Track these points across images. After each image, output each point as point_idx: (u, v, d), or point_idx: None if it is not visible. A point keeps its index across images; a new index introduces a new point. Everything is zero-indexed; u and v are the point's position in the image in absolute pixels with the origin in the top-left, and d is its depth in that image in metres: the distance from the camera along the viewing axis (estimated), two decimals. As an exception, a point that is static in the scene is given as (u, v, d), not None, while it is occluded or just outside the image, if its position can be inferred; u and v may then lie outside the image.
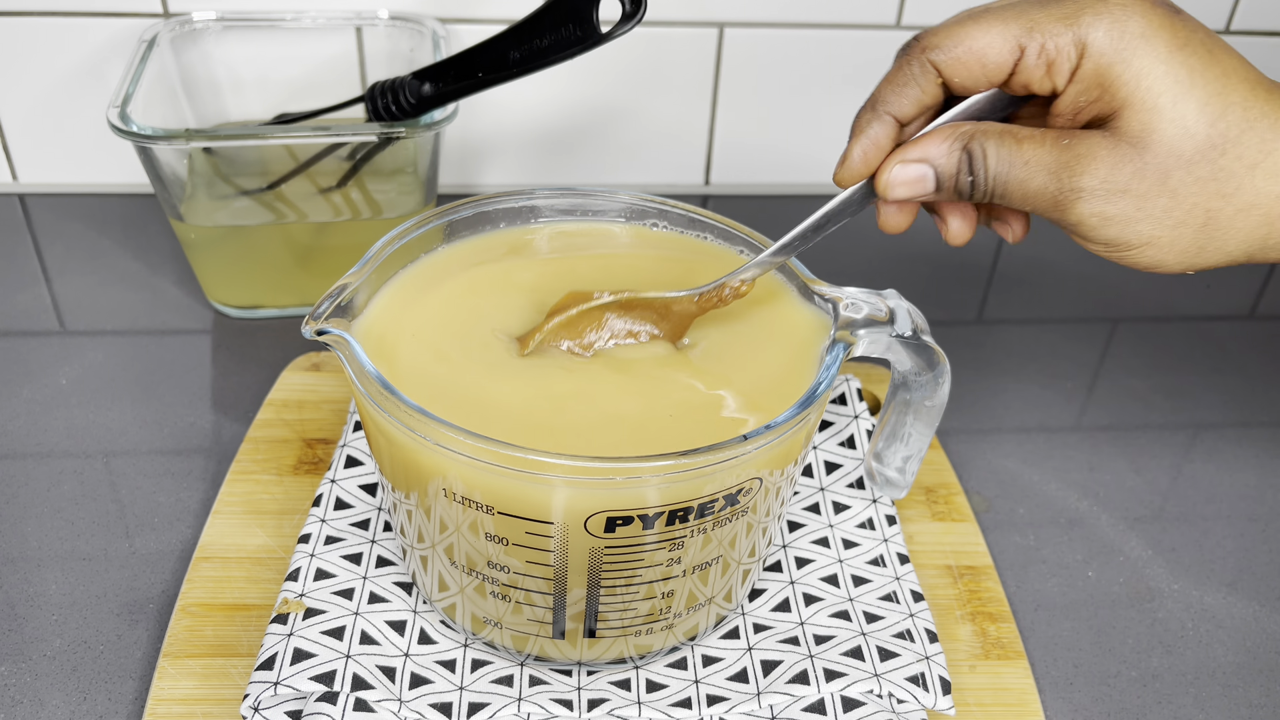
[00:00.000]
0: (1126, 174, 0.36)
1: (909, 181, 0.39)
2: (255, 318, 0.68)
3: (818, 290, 0.44)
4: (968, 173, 0.38)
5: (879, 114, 0.39)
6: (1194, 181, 0.36)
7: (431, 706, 0.42)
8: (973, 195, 0.39)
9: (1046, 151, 0.37)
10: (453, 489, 0.38)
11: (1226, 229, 0.37)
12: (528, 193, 0.49)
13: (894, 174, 0.39)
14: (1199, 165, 0.36)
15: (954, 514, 0.54)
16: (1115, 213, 0.36)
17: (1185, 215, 0.36)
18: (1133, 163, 0.36)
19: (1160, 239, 0.37)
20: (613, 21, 0.53)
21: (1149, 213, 0.36)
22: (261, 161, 0.66)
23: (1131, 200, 0.36)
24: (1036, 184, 0.37)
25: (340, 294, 0.41)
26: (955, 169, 0.38)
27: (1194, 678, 0.49)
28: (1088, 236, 0.38)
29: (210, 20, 0.70)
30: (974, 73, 0.37)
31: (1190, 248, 0.37)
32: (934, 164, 0.38)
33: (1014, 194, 0.38)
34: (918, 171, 0.39)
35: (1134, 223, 0.37)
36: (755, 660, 0.45)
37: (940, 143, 0.38)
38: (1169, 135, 0.35)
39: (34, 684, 0.46)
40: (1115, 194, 0.36)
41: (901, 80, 0.38)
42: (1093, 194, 0.36)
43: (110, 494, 0.55)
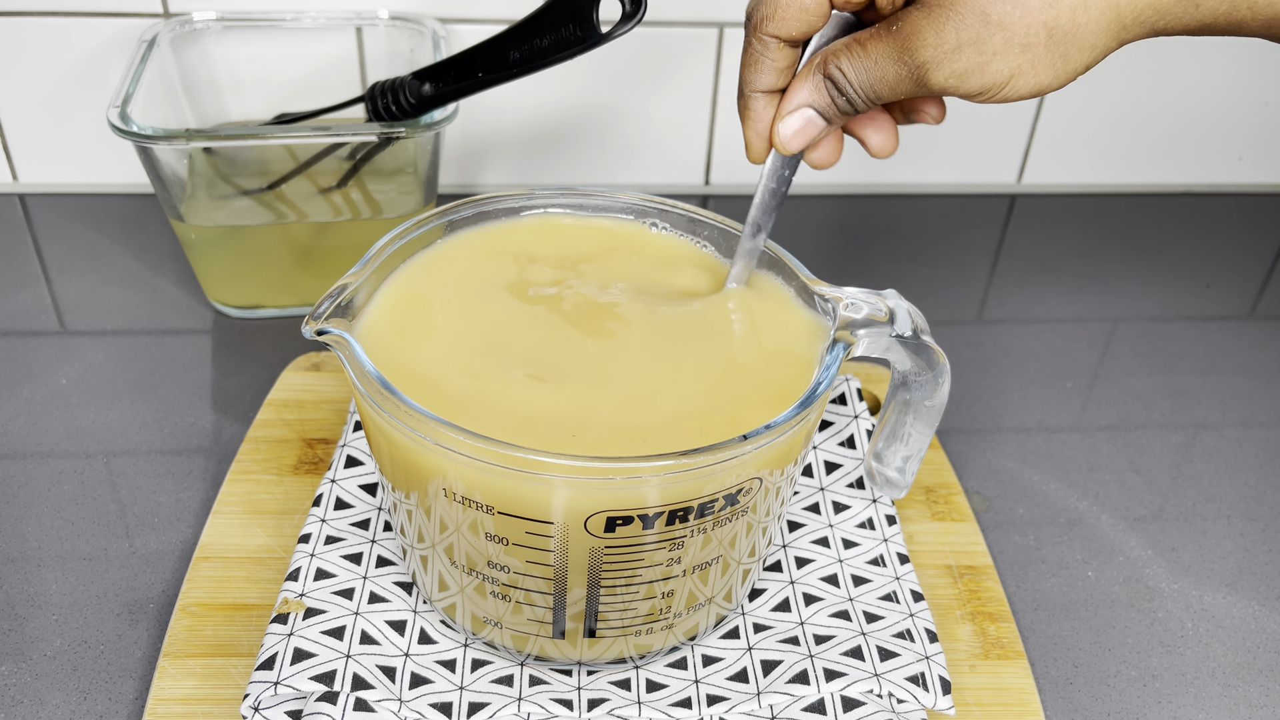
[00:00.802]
0: (951, 31, 0.37)
1: (798, 130, 0.41)
2: (255, 318, 0.68)
3: (818, 290, 0.44)
4: (839, 94, 0.40)
5: (752, 96, 0.42)
6: (1013, 6, 0.37)
7: (432, 706, 0.42)
8: (856, 110, 0.41)
9: (884, 43, 0.39)
10: (453, 489, 0.38)
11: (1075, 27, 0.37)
12: (528, 193, 0.49)
13: (782, 130, 0.41)
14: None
15: (954, 514, 0.54)
16: (964, 67, 0.38)
17: (1025, 37, 0.37)
18: (950, 19, 0.37)
19: (1020, 67, 0.38)
20: (613, 21, 0.53)
21: (994, 50, 0.37)
22: (261, 161, 0.66)
23: (970, 50, 0.37)
24: (893, 74, 0.39)
25: (340, 294, 0.41)
26: (828, 99, 0.40)
27: (1194, 678, 0.49)
28: (962, 93, 0.39)
29: (210, 20, 0.70)
30: (803, 19, 0.39)
31: (1054, 60, 0.38)
32: (809, 103, 0.41)
33: (884, 92, 0.40)
34: (800, 118, 0.41)
35: (986, 66, 0.38)
36: (755, 660, 0.45)
37: (804, 83, 0.41)
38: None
39: (34, 684, 0.46)
40: (952, 52, 0.37)
41: (752, 60, 0.41)
42: (934, 62, 0.38)
43: (110, 494, 0.55)
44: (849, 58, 0.40)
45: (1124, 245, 0.80)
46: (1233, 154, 0.86)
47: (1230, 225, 0.84)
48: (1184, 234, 0.82)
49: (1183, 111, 0.83)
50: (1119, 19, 0.38)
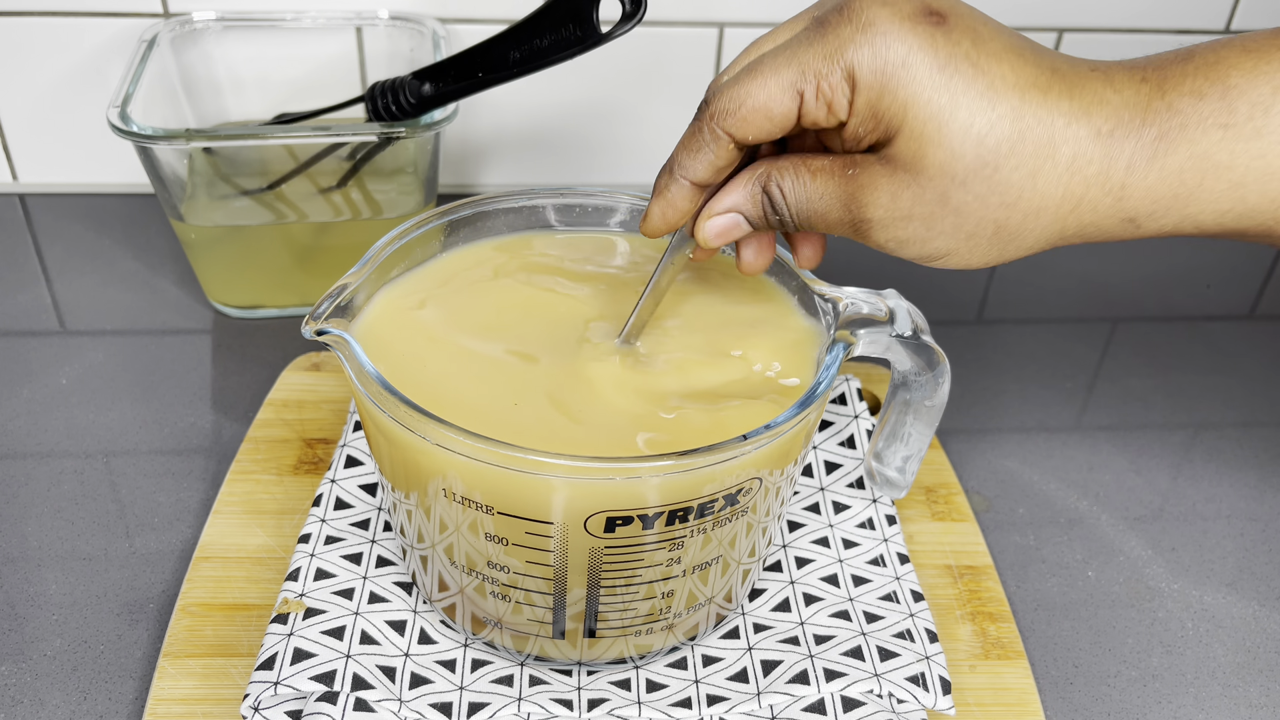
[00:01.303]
0: (907, 200, 0.36)
1: (725, 229, 0.40)
2: (255, 318, 0.68)
3: (818, 290, 0.44)
4: (773, 211, 0.39)
5: (676, 179, 0.39)
6: (973, 199, 0.36)
7: (431, 706, 0.42)
8: (786, 230, 0.40)
9: (835, 184, 0.37)
10: (452, 489, 0.38)
11: (1018, 232, 0.37)
12: (528, 193, 0.49)
13: (707, 227, 0.40)
14: (974, 183, 0.36)
15: (954, 514, 0.54)
16: (906, 235, 0.37)
17: (974, 228, 0.37)
18: (910, 189, 0.36)
19: (958, 250, 0.38)
20: (613, 21, 0.53)
21: (939, 230, 0.37)
22: (261, 161, 0.66)
23: (919, 223, 0.37)
24: (834, 216, 0.38)
25: (340, 294, 0.41)
26: (761, 211, 0.39)
27: (1194, 677, 0.49)
28: (894, 253, 0.38)
29: (210, 20, 0.70)
30: (764, 128, 0.37)
31: (990, 252, 0.38)
32: (740, 210, 0.40)
33: (817, 223, 0.39)
34: (728, 221, 0.40)
35: (928, 241, 0.37)
36: (755, 660, 0.45)
37: (742, 189, 0.39)
38: (938, 159, 0.35)
39: (34, 684, 0.46)
40: (901, 220, 0.37)
41: (695, 146, 0.39)
42: (881, 223, 0.37)
43: (110, 494, 0.55)
44: (794, 181, 0.38)
45: (1124, 245, 0.80)
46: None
47: (1230, 225, 0.84)
48: (1184, 234, 0.82)
49: (1183, 111, 0.83)
50: (1061, 232, 0.37)
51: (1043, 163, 0.35)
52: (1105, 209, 0.36)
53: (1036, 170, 0.35)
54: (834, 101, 0.36)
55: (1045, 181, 0.36)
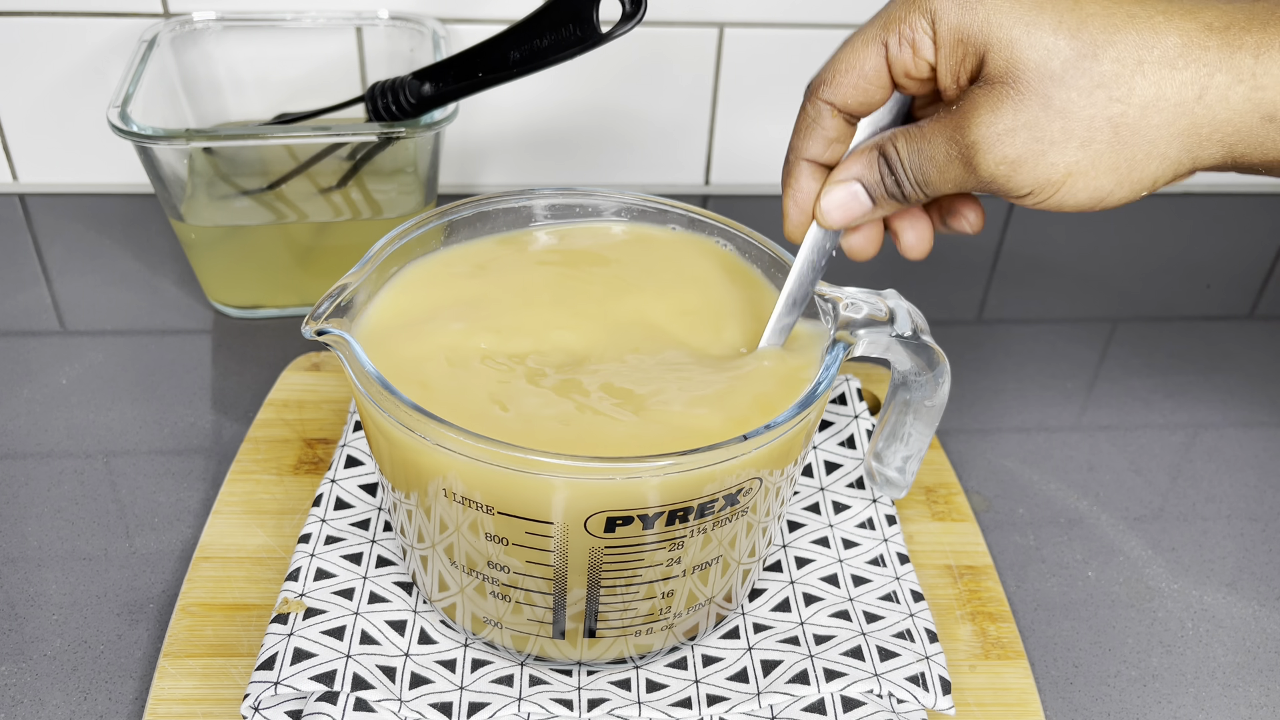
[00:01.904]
0: (1009, 112, 0.35)
1: (842, 203, 0.40)
2: (255, 318, 0.68)
3: (818, 290, 0.44)
4: (889, 173, 0.39)
5: (799, 162, 0.41)
6: (1078, 95, 0.35)
7: (432, 706, 0.42)
8: (904, 195, 0.40)
9: (941, 124, 0.37)
10: (453, 489, 0.38)
11: (1142, 130, 0.35)
12: (528, 193, 0.49)
13: (826, 200, 0.41)
14: (1076, 76, 0.35)
15: (954, 514, 0.54)
16: (1016, 153, 0.36)
17: (1087, 131, 0.35)
18: (1010, 99, 0.35)
19: (1078, 163, 0.36)
20: (613, 21, 0.53)
21: (1050, 139, 0.35)
22: (261, 161, 0.66)
23: (1025, 134, 0.36)
24: (942, 156, 0.37)
25: (340, 294, 0.41)
26: (878, 175, 0.39)
27: (1194, 677, 0.49)
28: (1014, 189, 0.37)
29: (210, 20, 0.70)
30: (861, 90, 0.39)
31: (1118, 162, 0.36)
32: (859, 177, 0.40)
33: (934, 177, 0.38)
34: (847, 191, 0.40)
35: (1041, 156, 0.36)
36: (755, 660, 0.45)
37: (858, 159, 0.40)
38: (1033, 59, 0.35)
39: (34, 684, 0.46)
40: (1006, 134, 0.36)
41: (805, 126, 0.40)
42: (987, 142, 0.36)
43: (110, 494, 0.55)
44: (905, 138, 0.39)
45: (1124, 245, 0.80)
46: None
47: (1230, 225, 0.84)
48: (1184, 234, 0.82)
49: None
50: (1194, 128, 0.35)
51: (1148, 51, 0.34)
52: (1239, 100, 0.34)
53: (1142, 59, 0.34)
54: (916, 40, 0.37)
55: (1155, 70, 0.34)
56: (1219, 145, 0.36)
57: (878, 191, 0.40)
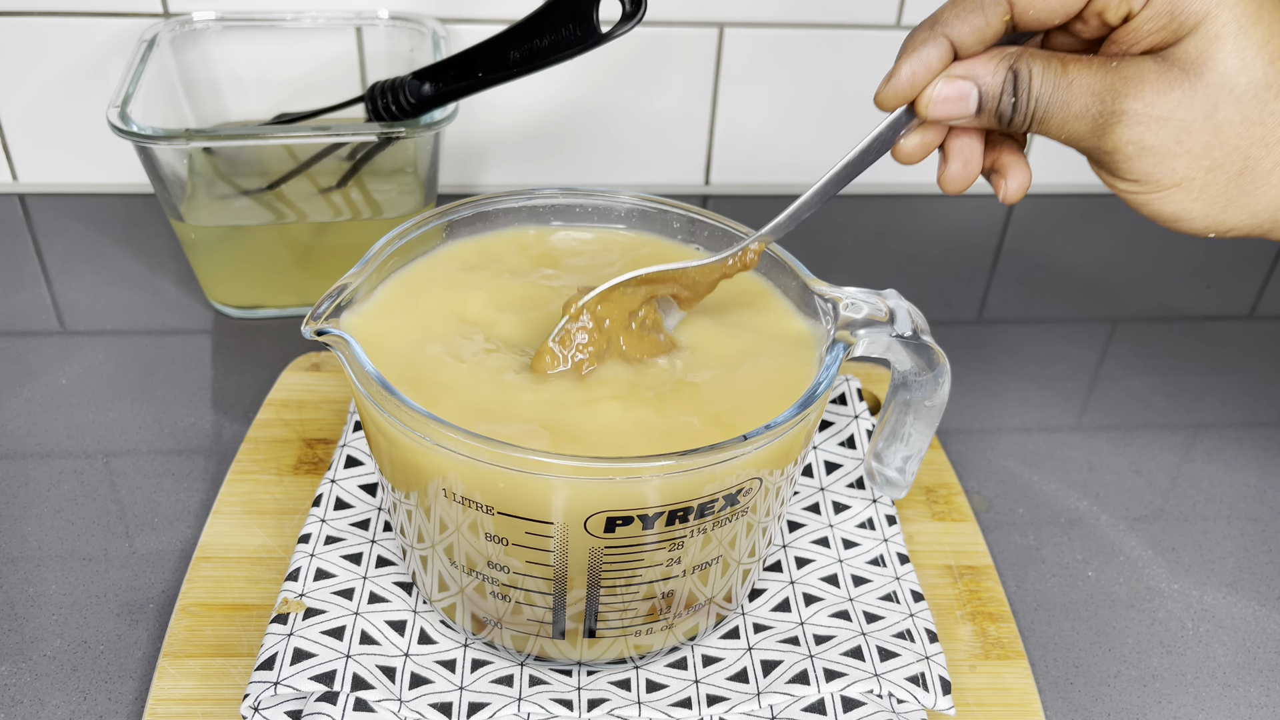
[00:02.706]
0: (1173, 100, 0.35)
1: (951, 99, 0.37)
2: (255, 318, 0.68)
3: (818, 290, 0.44)
4: (1011, 93, 0.37)
5: (936, 35, 0.37)
6: (1241, 121, 0.34)
7: (431, 706, 0.42)
8: (1012, 120, 0.37)
9: (1093, 74, 0.36)
10: (452, 489, 0.38)
11: (1261, 183, 0.35)
12: (528, 193, 0.49)
13: (938, 90, 0.38)
14: (1249, 103, 0.34)
15: (954, 514, 0.54)
16: (1154, 142, 0.35)
17: (1224, 157, 0.35)
18: (1181, 88, 0.34)
19: (1192, 181, 0.35)
20: (613, 21, 0.53)
21: (1188, 147, 0.35)
22: (261, 161, 0.66)
23: (1173, 130, 0.35)
24: (1078, 106, 0.36)
25: (340, 294, 0.41)
26: (1000, 88, 0.37)
27: (1194, 678, 0.49)
28: (1120, 170, 0.36)
29: (210, 20, 0.70)
30: (1052, 4, 0.36)
31: (1220, 198, 0.36)
32: (979, 82, 0.37)
33: (1054, 117, 0.36)
34: (961, 89, 0.37)
35: (1171, 157, 0.35)
36: (755, 660, 0.45)
37: (987, 62, 0.37)
38: (1226, 65, 0.34)
39: (34, 684, 0.46)
40: (1158, 121, 0.35)
41: (969, 6, 0.37)
42: (1135, 118, 0.35)
43: (110, 494, 0.55)
44: (1045, 66, 0.36)
45: (1124, 245, 0.80)
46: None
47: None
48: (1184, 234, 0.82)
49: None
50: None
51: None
52: None
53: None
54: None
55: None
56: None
57: (990, 104, 0.37)
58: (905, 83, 0.38)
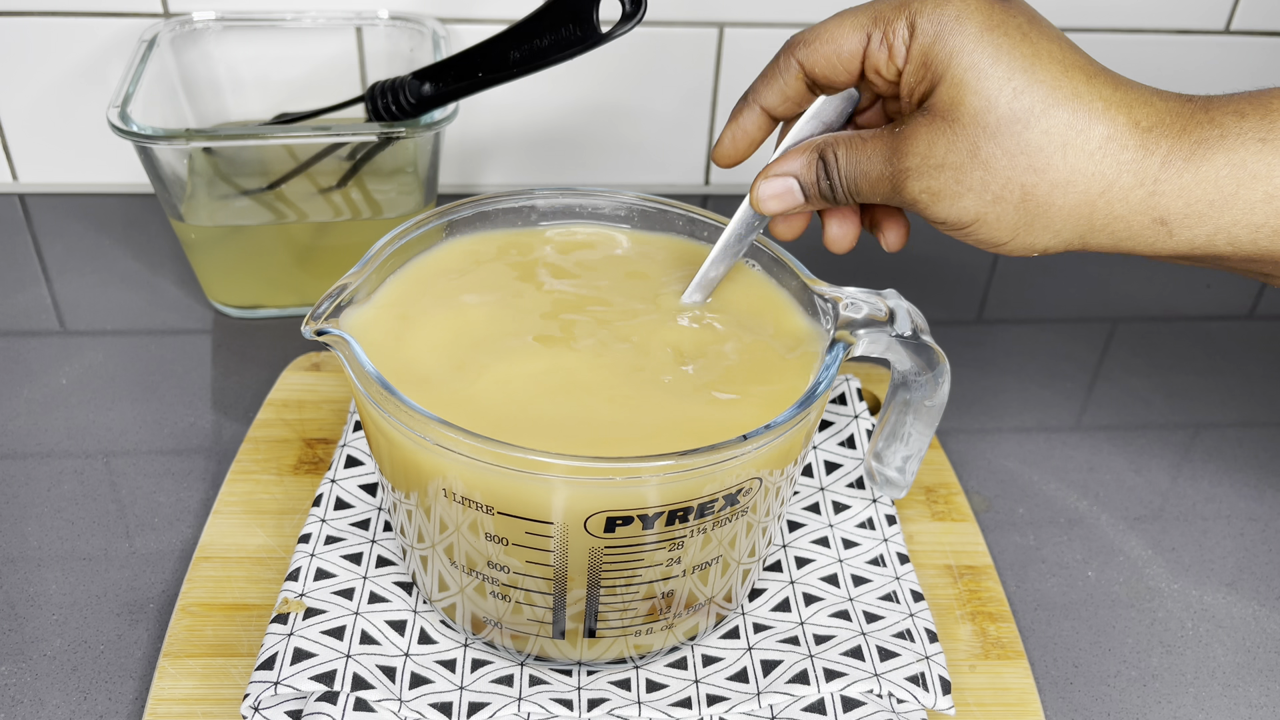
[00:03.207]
0: (941, 148, 0.38)
1: (777, 194, 0.42)
2: (255, 318, 0.68)
3: (817, 290, 0.45)
4: (824, 177, 0.41)
5: (750, 104, 0.43)
6: (1003, 154, 0.37)
7: (431, 706, 0.42)
8: (835, 197, 0.42)
9: (881, 142, 0.39)
10: (453, 489, 0.38)
11: (1046, 206, 0.38)
12: (528, 193, 0.49)
13: (762, 189, 0.43)
14: (1004, 137, 0.37)
15: (954, 514, 0.54)
16: (939, 187, 0.38)
17: (1001, 189, 0.37)
18: (945, 136, 0.38)
19: (986, 215, 0.38)
20: (613, 21, 0.53)
21: (968, 185, 0.38)
22: (261, 161, 0.66)
23: (950, 174, 0.38)
24: (876, 172, 0.40)
25: (340, 294, 0.41)
26: (814, 176, 0.41)
27: (1194, 677, 0.49)
28: (926, 215, 0.40)
29: (210, 20, 0.70)
30: (833, 64, 0.40)
31: (1018, 224, 0.38)
32: (796, 175, 0.42)
33: (864, 187, 0.40)
34: (783, 185, 0.42)
35: (957, 197, 0.38)
36: (755, 660, 0.45)
37: (798, 156, 0.42)
38: (973, 106, 0.37)
39: (34, 684, 0.46)
40: (934, 169, 0.38)
41: (771, 76, 0.42)
42: (917, 171, 0.38)
43: (110, 494, 0.55)
44: (847, 147, 0.41)
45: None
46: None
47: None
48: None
49: (1183, 111, 0.83)
50: (1090, 217, 0.38)
51: (1075, 135, 0.37)
52: (1136, 202, 0.37)
53: (1067, 142, 0.37)
54: (894, 47, 0.39)
55: (1075, 155, 0.37)
56: (1109, 236, 0.38)
57: (811, 190, 0.42)
58: (728, 145, 0.44)
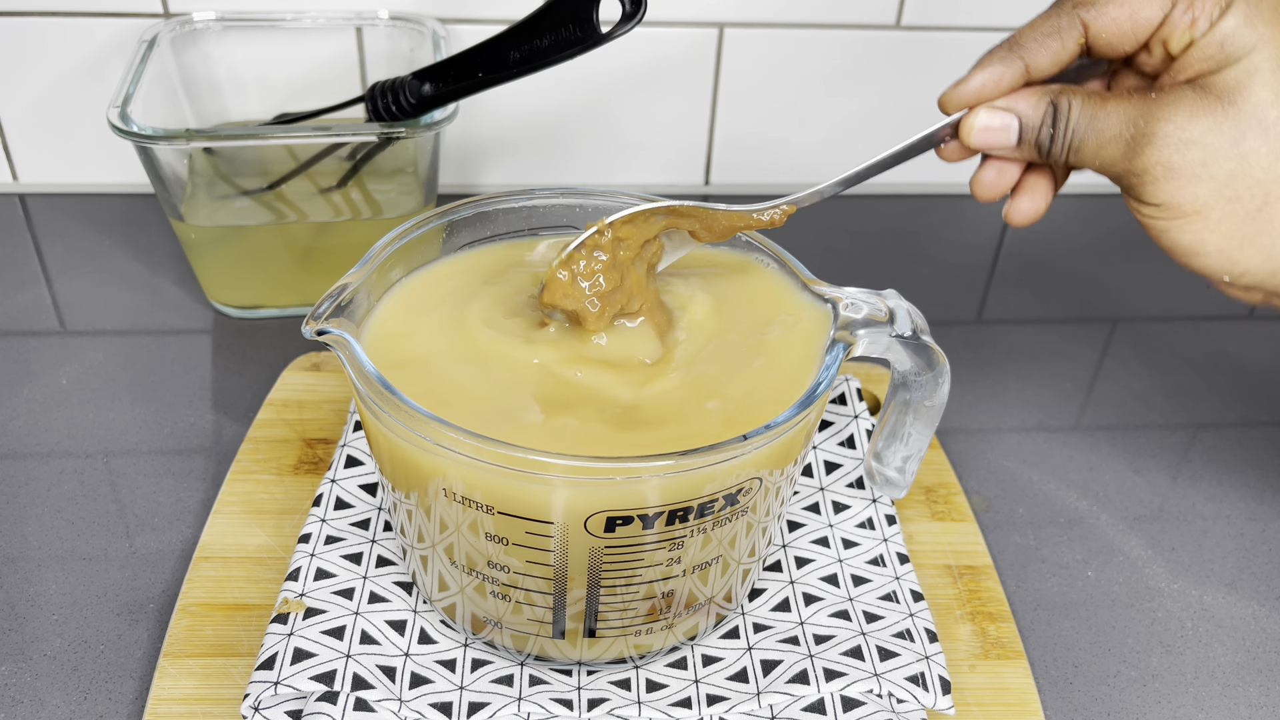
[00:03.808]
0: (1203, 125, 0.36)
1: (993, 128, 0.39)
2: (255, 318, 0.68)
3: (817, 290, 0.45)
4: (1050, 125, 0.38)
5: (1013, 55, 0.39)
6: (1266, 154, 0.36)
7: (432, 706, 0.42)
8: (1050, 151, 0.39)
9: (1130, 103, 0.37)
10: (453, 489, 0.38)
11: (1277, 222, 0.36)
12: (528, 193, 0.49)
13: (980, 118, 0.39)
14: (1275, 137, 0.35)
15: (954, 514, 0.54)
16: (1181, 164, 0.36)
17: (1244, 189, 0.36)
18: (1213, 114, 0.36)
19: (1212, 211, 0.37)
20: (613, 21, 0.53)
21: (1213, 173, 0.36)
22: (261, 161, 0.66)
23: (1200, 153, 0.36)
24: (1113, 131, 0.37)
25: (341, 294, 0.41)
26: (1040, 121, 0.38)
27: (1194, 677, 0.49)
28: (1146, 194, 0.37)
29: (210, 20, 0.70)
30: (1123, 28, 0.37)
31: (1237, 232, 0.37)
32: (1021, 114, 0.39)
33: (1089, 144, 0.38)
34: (1002, 120, 0.39)
35: (1195, 181, 0.36)
36: (755, 660, 0.45)
37: (1029, 96, 0.39)
38: (1259, 97, 0.35)
39: (34, 684, 0.46)
40: (1186, 143, 0.36)
41: (1047, 30, 0.38)
42: (1165, 139, 0.36)
43: (110, 494, 0.55)
44: (1083, 98, 0.38)
45: (1124, 245, 0.80)
46: (1233, 154, 0.86)
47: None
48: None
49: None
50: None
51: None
52: None
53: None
54: (1198, 19, 0.36)
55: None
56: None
57: (1030, 134, 0.39)
58: (973, 92, 0.40)
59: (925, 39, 0.78)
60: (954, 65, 0.79)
